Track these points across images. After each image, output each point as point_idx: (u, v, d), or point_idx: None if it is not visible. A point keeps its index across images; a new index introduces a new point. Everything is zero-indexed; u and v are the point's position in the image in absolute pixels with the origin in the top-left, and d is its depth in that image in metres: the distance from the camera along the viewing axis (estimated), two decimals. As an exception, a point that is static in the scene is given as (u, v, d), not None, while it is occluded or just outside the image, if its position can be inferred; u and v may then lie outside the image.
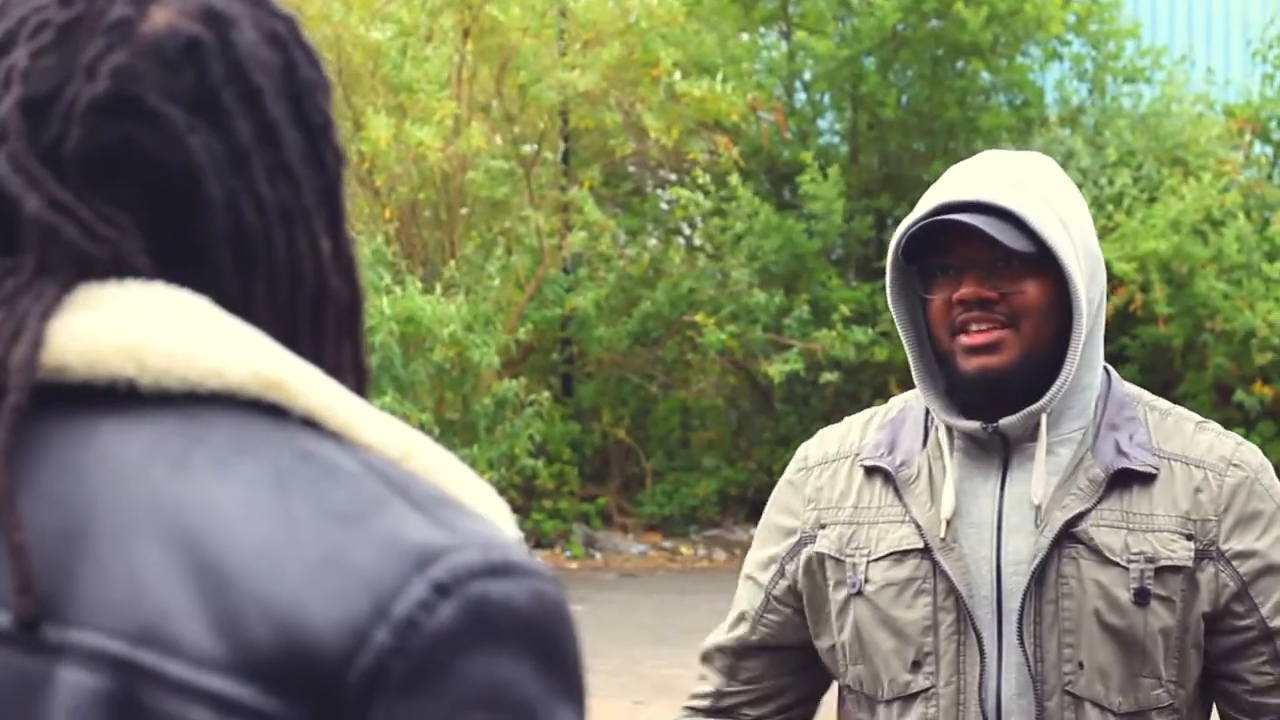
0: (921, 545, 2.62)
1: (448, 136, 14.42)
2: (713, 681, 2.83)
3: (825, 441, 2.78)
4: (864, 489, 2.70)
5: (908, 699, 2.63)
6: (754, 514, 16.12)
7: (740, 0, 16.59)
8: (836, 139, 17.07)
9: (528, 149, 15.77)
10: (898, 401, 2.77)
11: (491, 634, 1.05)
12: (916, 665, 2.62)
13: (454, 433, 13.97)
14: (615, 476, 16.49)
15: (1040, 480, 2.58)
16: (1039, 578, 2.57)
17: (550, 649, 1.07)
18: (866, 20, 15.75)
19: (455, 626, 1.04)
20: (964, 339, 2.55)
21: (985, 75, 16.30)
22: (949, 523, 2.60)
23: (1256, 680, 2.62)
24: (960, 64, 16.21)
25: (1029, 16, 15.76)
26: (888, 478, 2.67)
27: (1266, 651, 2.61)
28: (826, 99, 16.81)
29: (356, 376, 1.21)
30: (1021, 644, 2.57)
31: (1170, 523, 2.60)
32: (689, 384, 16.43)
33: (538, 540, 15.53)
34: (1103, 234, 15.01)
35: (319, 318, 1.19)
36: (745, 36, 17.08)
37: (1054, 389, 2.55)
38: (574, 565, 14.97)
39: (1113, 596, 2.56)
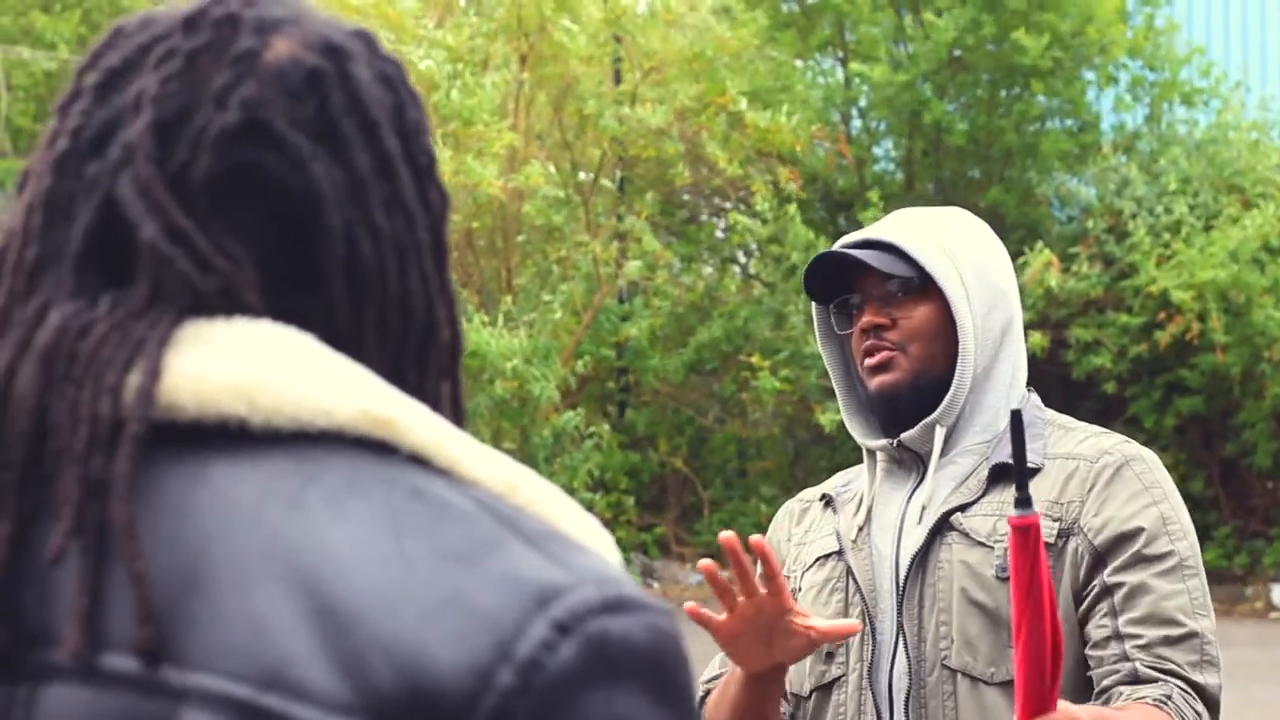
0: (837, 548, 2.87)
1: (503, 168, 14.48)
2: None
3: (808, 491, 3.07)
4: (817, 517, 2.97)
5: (825, 688, 2.85)
6: (811, 543, 16.14)
7: (797, 27, 16.61)
8: (892, 166, 17.07)
9: (584, 176, 15.81)
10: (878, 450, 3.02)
11: (611, 671, 1.05)
12: (830, 656, 2.84)
13: (512, 464, 13.97)
14: (673, 506, 16.50)
15: (929, 481, 2.81)
16: (920, 565, 2.77)
17: (666, 683, 1.08)
18: (922, 45, 15.74)
19: (577, 665, 1.04)
20: (867, 360, 2.83)
21: (1041, 98, 16.25)
22: (860, 529, 2.84)
23: (1097, 634, 2.72)
24: (1018, 87, 16.17)
25: (1091, 40, 15.73)
26: (830, 502, 2.96)
27: (1105, 605, 2.72)
28: (883, 126, 16.81)
29: (455, 415, 1.22)
30: (903, 629, 2.77)
31: (1039, 507, 2.70)
32: (745, 416, 16.43)
33: (595, 570, 15.54)
34: (1160, 263, 14.97)
35: (424, 353, 1.20)
36: (800, 63, 17.11)
37: (945, 402, 2.80)
38: (631, 594, 14.97)
39: (978, 574, 2.73)
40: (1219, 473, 15.78)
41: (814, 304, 2.95)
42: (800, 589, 2.89)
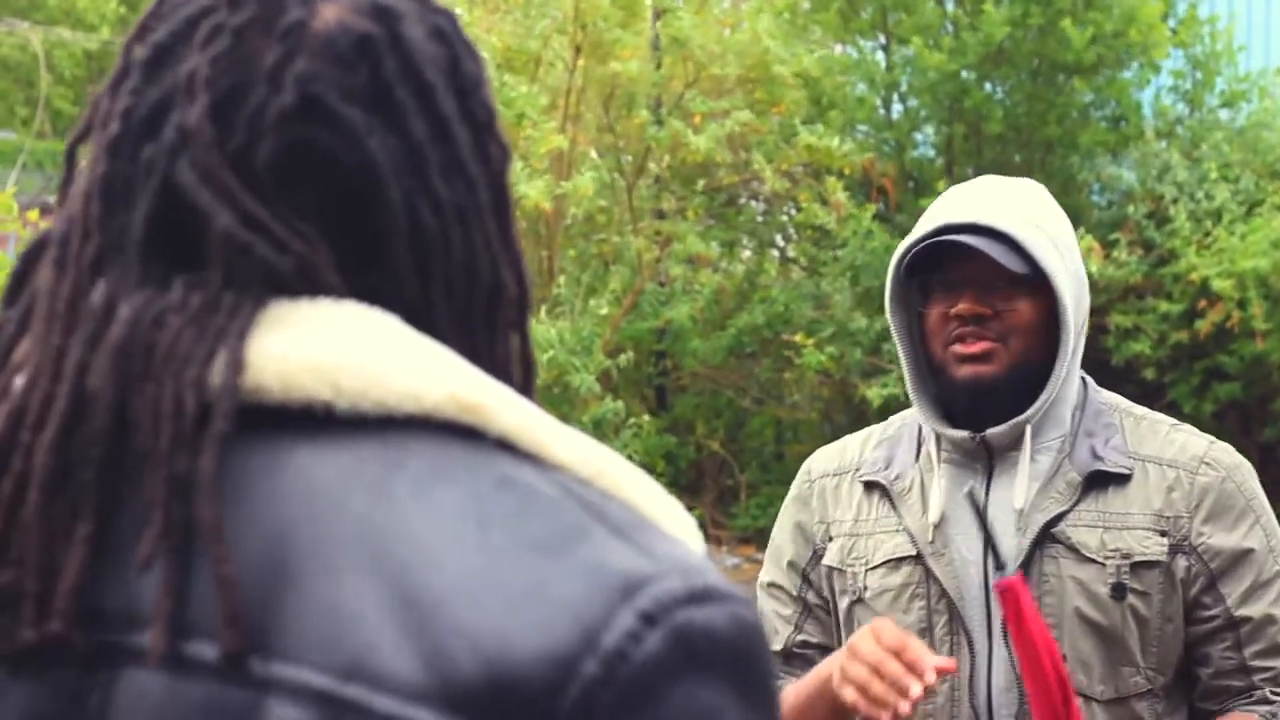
0: (914, 552, 2.79)
1: (551, 168, 14.49)
2: None
3: (829, 457, 2.98)
4: (863, 503, 2.87)
5: None
6: (848, 527, 16.13)
7: (839, 10, 16.57)
8: (932, 152, 17.02)
9: (626, 160, 15.80)
10: (896, 420, 2.97)
11: (696, 662, 1.04)
12: None
13: (551, 450, 14.00)
14: (710, 489, 16.50)
15: (1023, 486, 2.73)
16: (1023, 577, 2.68)
17: (750, 673, 1.07)
18: (973, 34, 15.70)
19: (662, 656, 1.03)
20: (958, 348, 2.74)
21: (1085, 96, 16.20)
22: (936, 528, 2.76)
23: (1220, 664, 2.73)
24: (1061, 79, 16.11)
25: (1134, 41, 15.68)
26: (884, 491, 2.85)
27: (1230, 637, 2.72)
28: (923, 112, 16.76)
29: (524, 369, 1.20)
30: (1007, 641, 2.71)
31: (1144, 520, 2.72)
32: (783, 399, 16.42)
33: (633, 552, 15.54)
34: (1200, 249, 14.89)
35: (493, 313, 1.18)
36: (839, 49, 17.07)
37: (1040, 402, 2.74)
38: (668, 577, 14.98)
39: (1092, 592, 2.70)
40: (1258, 458, 15.69)
41: (892, 273, 2.82)
42: (866, 588, 2.81)
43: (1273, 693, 2.71)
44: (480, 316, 1.18)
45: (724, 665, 1.05)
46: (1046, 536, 2.71)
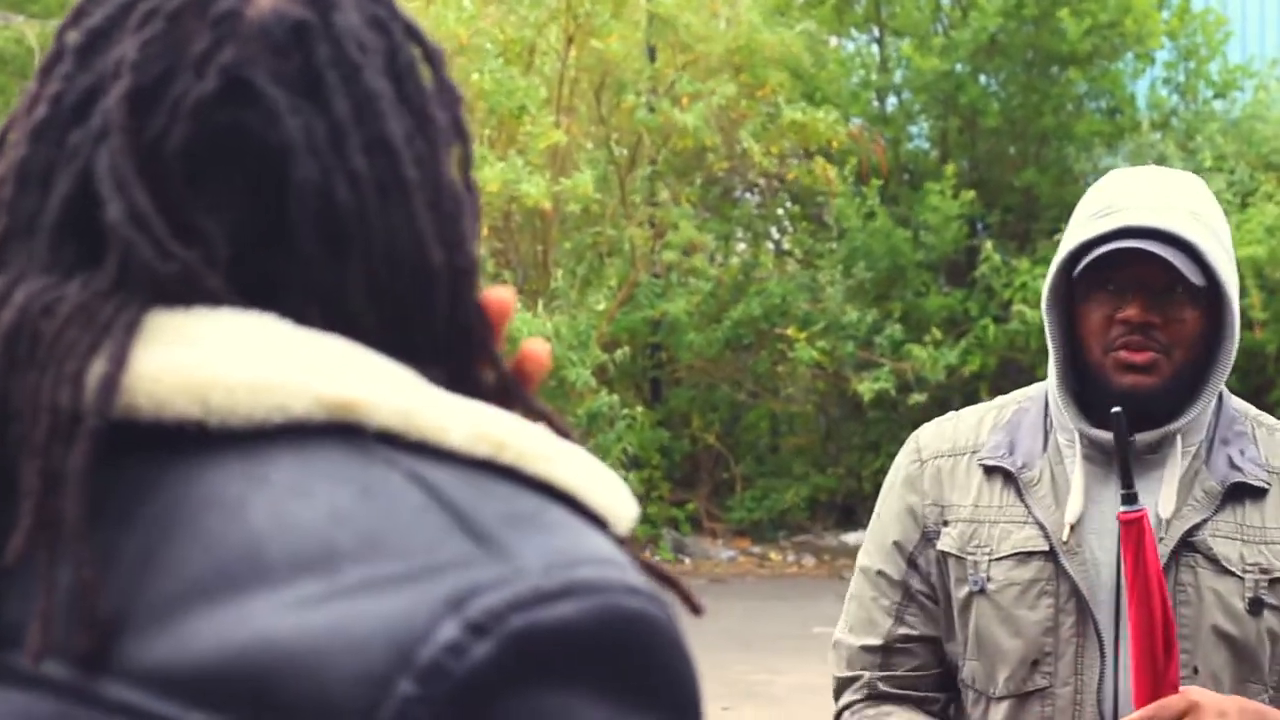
0: (1046, 548, 2.68)
1: (548, 162, 14.48)
2: (868, 679, 2.84)
3: (940, 435, 2.84)
4: (984, 488, 2.75)
5: (1023, 697, 2.70)
6: (843, 519, 16.14)
7: (832, 4, 16.56)
8: (926, 144, 17.01)
9: (621, 153, 15.79)
10: (1009, 403, 2.85)
11: (539, 668, 0.99)
12: (1035, 664, 2.68)
13: (545, 441, 14.00)
14: (705, 482, 16.49)
15: (1170, 494, 2.65)
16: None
17: (619, 667, 1.01)
18: (964, 30, 15.69)
19: (491, 667, 0.98)
20: (1122, 354, 2.64)
21: (1080, 86, 16.21)
22: (1073, 527, 2.67)
23: None
24: (1055, 70, 16.11)
25: (1128, 30, 15.67)
26: (1009, 478, 2.73)
27: None
28: (917, 105, 16.75)
29: (479, 334, 1.15)
30: (1124, 649, 2.63)
31: None
32: (778, 393, 16.41)
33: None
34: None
35: (427, 292, 1.14)
36: (834, 41, 17.05)
37: (1193, 411, 2.66)
38: (663, 570, 14.96)
39: (1229, 605, 2.64)
40: (1253, 451, 15.72)
41: (1057, 268, 2.67)
42: (990, 579, 2.72)
43: None
44: (412, 296, 1.13)
45: (579, 664, 1.00)
46: (1184, 545, 2.64)
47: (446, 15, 14.72)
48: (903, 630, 2.81)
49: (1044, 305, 2.72)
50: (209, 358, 1.07)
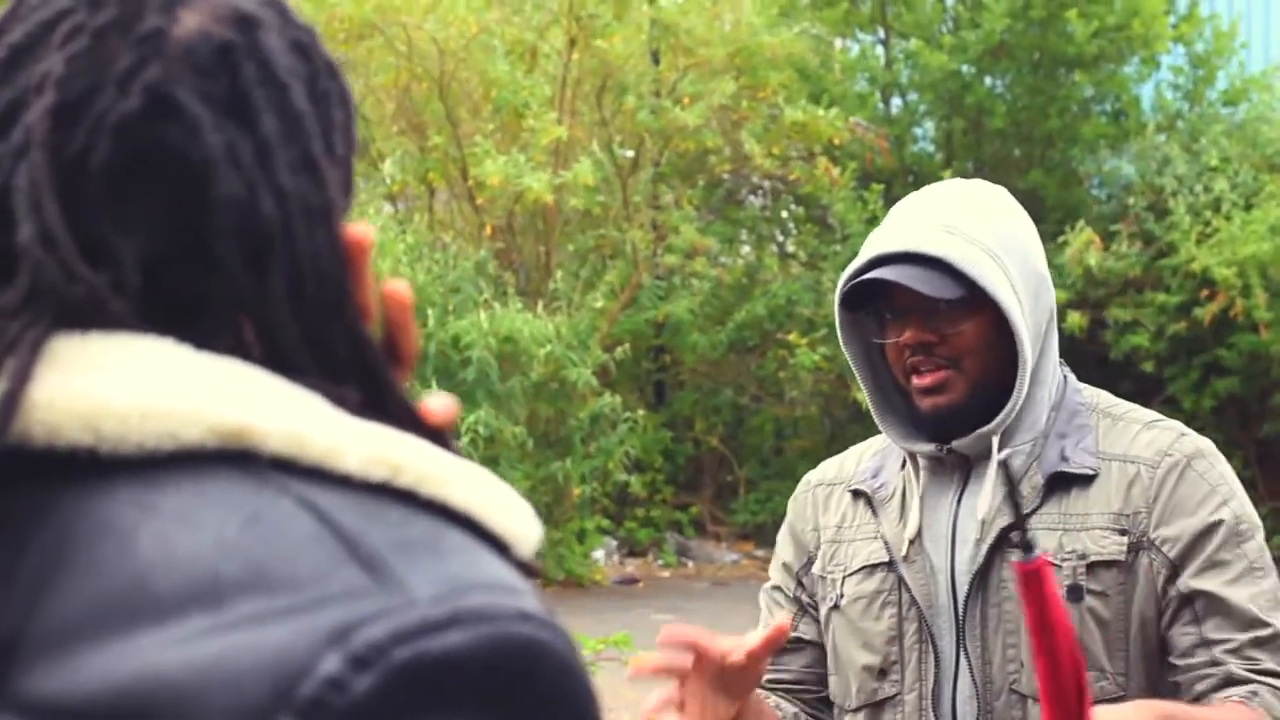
0: (888, 559, 2.77)
1: (549, 160, 14.49)
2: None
3: (826, 468, 2.96)
4: (849, 510, 2.86)
5: (875, 706, 2.78)
6: (847, 523, 16.12)
7: (840, 6, 16.56)
8: (931, 146, 17.01)
9: (623, 155, 15.79)
10: None
11: (425, 699, 0.98)
12: (883, 673, 2.77)
13: (547, 444, 14.01)
14: (708, 485, 16.49)
15: (986, 495, 2.70)
16: (982, 584, 2.70)
17: (508, 696, 1.00)
18: (973, 30, 15.69)
19: (374, 700, 0.97)
20: (915, 380, 2.70)
21: (1087, 88, 16.21)
22: (912, 540, 2.74)
23: (1183, 642, 2.67)
24: (1062, 72, 16.11)
25: (1136, 33, 15.66)
26: (867, 499, 2.83)
27: (1187, 614, 2.67)
28: (923, 106, 16.75)
29: (368, 363, 1.15)
30: (966, 649, 2.70)
31: (1103, 520, 2.69)
32: (782, 396, 16.41)
33: (631, 549, 15.54)
34: (1200, 240, 14.89)
35: (344, 309, 1.14)
36: (839, 43, 17.06)
37: (1003, 415, 2.69)
38: (666, 574, 14.98)
39: None
40: (1256, 454, 15.70)
41: (838, 307, 2.77)
42: (843, 595, 2.80)
43: (1242, 668, 2.64)
44: (331, 310, 1.13)
45: (470, 695, 0.99)
46: (1005, 541, 2.68)
47: (457, 6, 14.75)
48: (795, 634, 2.88)
49: (841, 342, 2.81)
50: (102, 385, 1.06)
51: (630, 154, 15.82)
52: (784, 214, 16.89)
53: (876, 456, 2.88)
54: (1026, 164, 16.35)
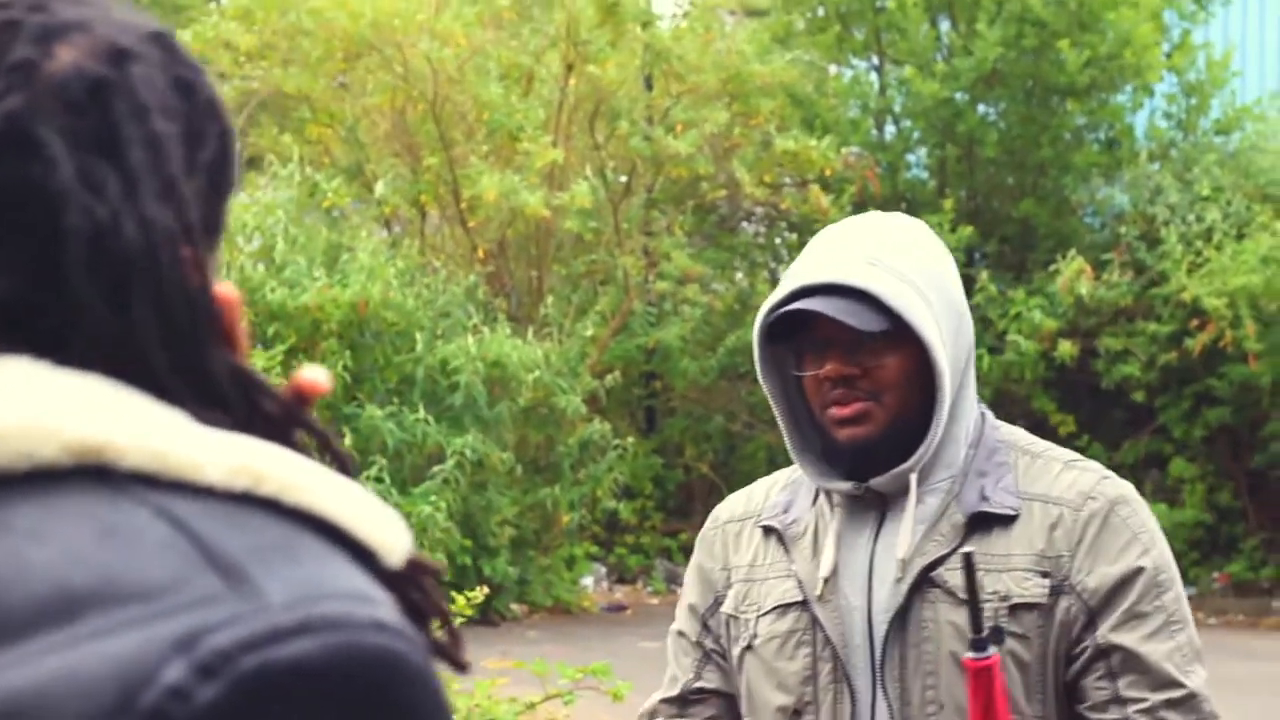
0: (801, 598, 2.73)
1: (544, 182, 14.50)
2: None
3: (734, 502, 2.92)
4: (760, 548, 2.81)
5: None
6: (837, 550, 16.12)
7: (832, 31, 16.59)
8: (925, 174, 17.02)
9: (618, 179, 15.80)
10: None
11: (284, 703, 0.96)
12: (797, 714, 2.73)
13: (536, 470, 13.98)
14: (699, 512, 16.45)
15: (906, 534, 2.66)
16: (900, 624, 2.66)
17: (357, 705, 0.98)
18: (965, 59, 15.71)
19: (220, 708, 0.95)
20: (833, 411, 2.66)
21: (1079, 117, 16.23)
22: (827, 579, 2.70)
23: (1096, 695, 2.66)
24: (1054, 101, 16.13)
25: (1128, 63, 15.68)
26: (779, 536, 2.78)
27: (1102, 667, 2.66)
28: (916, 134, 16.77)
29: (247, 387, 1.15)
30: (885, 689, 2.67)
31: (1025, 561, 2.67)
32: (773, 423, 16.38)
33: (620, 575, 15.51)
34: (1191, 269, 14.90)
35: (213, 335, 1.13)
36: (833, 69, 17.07)
37: (920, 451, 2.66)
38: (655, 600, 14.95)
39: (967, 636, 2.61)
40: (1247, 484, 15.70)
41: (757, 339, 2.74)
42: (757, 635, 2.77)
43: None
44: (200, 337, 1.12)
45: (318, 704, 0.97)
46: (925, 581, 2.65)
47: (449, 22, 14.77)
48: (699, 684, 2.87)
49: (760, 375, 2.78)
50: None
51: (624, 179, 15.83)
52: (777, 241, 16.88)
53: (786, 490, 2.84)
54: (1019, 192, 16.36)
